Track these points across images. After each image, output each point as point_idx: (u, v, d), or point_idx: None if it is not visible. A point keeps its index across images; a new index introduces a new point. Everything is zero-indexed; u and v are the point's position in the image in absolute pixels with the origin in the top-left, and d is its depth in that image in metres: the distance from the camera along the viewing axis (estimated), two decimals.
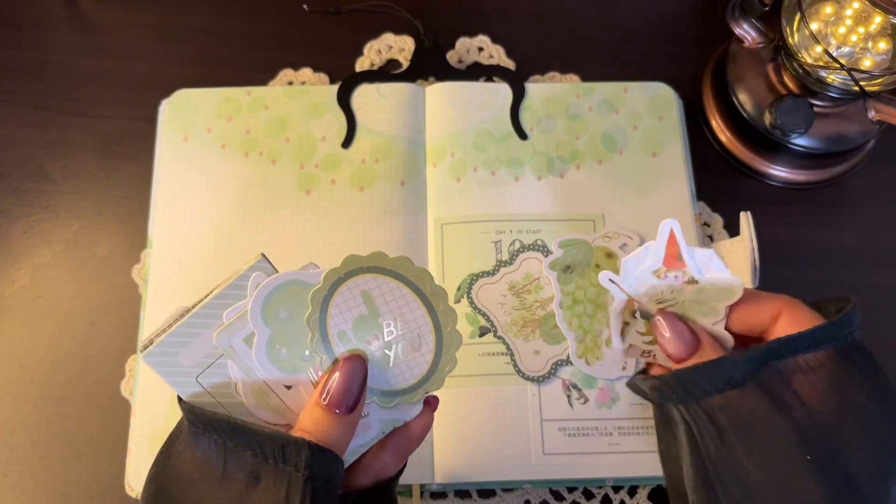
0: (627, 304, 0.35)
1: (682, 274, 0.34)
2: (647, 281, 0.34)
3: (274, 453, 0.29)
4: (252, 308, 0.30)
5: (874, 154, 0.58)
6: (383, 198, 0.54)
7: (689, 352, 0.33)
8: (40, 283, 0.54)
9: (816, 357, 0.30)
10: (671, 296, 0.34)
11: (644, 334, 0.35)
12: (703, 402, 0.30)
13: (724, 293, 0.33)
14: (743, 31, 0.55)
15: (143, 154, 0.56)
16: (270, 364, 0.31)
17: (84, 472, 0.49)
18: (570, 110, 0.57)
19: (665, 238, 0.33)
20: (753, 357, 0.30)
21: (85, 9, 0.62)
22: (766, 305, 0.33)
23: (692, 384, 0.31)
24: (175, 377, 0.31)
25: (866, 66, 0.50)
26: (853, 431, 0.29)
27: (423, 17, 0.59)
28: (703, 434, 0.30)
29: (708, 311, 0.34)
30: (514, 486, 0.49)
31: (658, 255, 0.33)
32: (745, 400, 0.30)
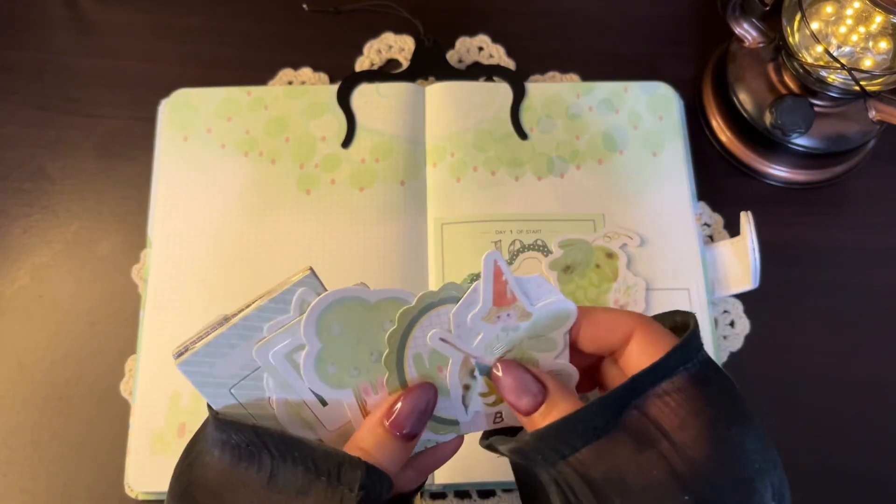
0: (463, 364, 0.31)
1: (514, 310, 0.30)
2: (479, 330, 0.30)
3: (329, 471, 0.28)
4: (307, 320, 0.29)
5: (874, 154, 0.58)
6: (383, 198, 0.54)
7: (538, 402, 0.30)
8: (40, 283, 0.54)
9: (673, 384, 0.28)
10: (507, 339, 0.31)
11: (487, 395, 0.32)
12: (572, 459, 0.28)
13: (559, 320, 0.30)
14: (743, 30, 0.55)
15: (142, 154, 0.56)
16: (317, 378, 0.30)
17: (83, 473, 0.49)
18: (571, 110, 0.57)
19: (490, 274, 0.29)
20: (614, 399, 0.28)
21: (84, 9, 0.62)
22: (618, 324, 0.30)
23: (557, 441, 0.28)
24: (209, 388, 0.30)
25: (867, 66, 0.50)
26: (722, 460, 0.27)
27: (423, 17, 0.59)
28: (578, 495, 0.28)
29: (546, 344, 0.31)
30: (514, 487, 0.49)
31: (487, 295, 0.30)
32: (614, 448, 0.27)
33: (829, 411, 0.52)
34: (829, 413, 0.52)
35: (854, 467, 0.51)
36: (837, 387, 0.52)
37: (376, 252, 0.52)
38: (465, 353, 0.31)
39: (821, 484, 0.50)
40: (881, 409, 0.52)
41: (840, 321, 0.54)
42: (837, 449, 0.51)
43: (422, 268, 0.52)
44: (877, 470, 0.51)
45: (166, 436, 0.48)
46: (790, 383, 0.52)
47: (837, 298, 0.54)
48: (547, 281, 0.31)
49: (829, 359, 0.53)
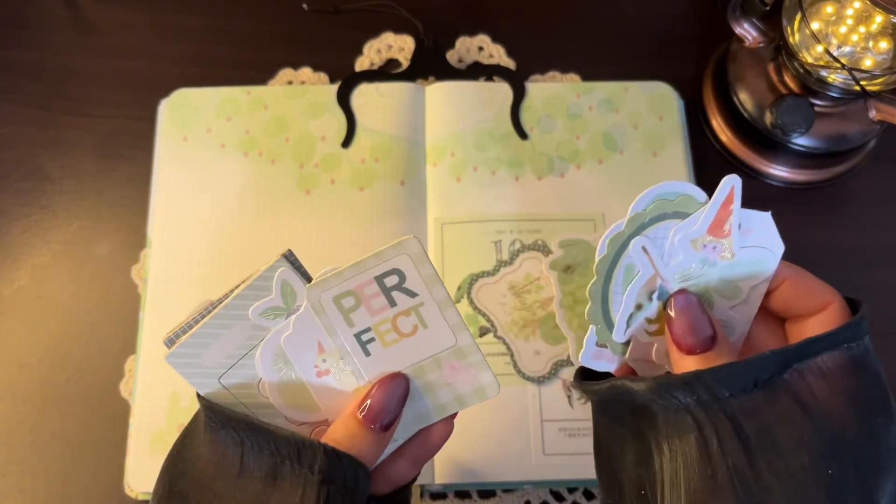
0: (648, 282, 0.30)
1: (721, 245, 0.29)
2: (680, 253, 0.29)
3: (290, 454, 0.29)
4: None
5: (875, 154, 0.58)
6: (383, 198, 0.54)
7: (704, 347, 0.29)
8: (39, 283, 0.54)
9: (834, 358, 0.28)
10: (700, 272, 0.29)
11: (651, 322, 0.30)
12: (727, 404, 0.27)
13: (755, 273, 0.30)
14: (744, 30, 0.55)
15: (142, 154, 0.56)
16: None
17: (83, 473, 0.49)
18: (571, 110, 0.57)
19: (722, 199, 0.28)
20: (783, 357, 0.28)
21: (84, 8, 0.62)
22: (817, 295, 0.30)
23: (717, 383, 0.27)
24: (197, 378, 0.31)
25: (867, 66, 0.50)
26: (862, 445, 0.27)
27: (422, 17, 0.59)
28: (723, 440, 0.27)
29: (731, 290, 0.30)
30: (515, 487, 0.49)
31: (708, 219, 0.28)
32: (772, 405, 0.27)
33: None
34: None
35: None
36: None
37: None
38: (657, 271, 0.29)
39: None
40: None
41: None
42: None
43: None
44: None
45: (166, 436, 0.48)
46: None
47: None
48: (773, 224, 0.30)
49: None
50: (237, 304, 0.30)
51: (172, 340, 0.30)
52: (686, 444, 0.28)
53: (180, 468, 0.31)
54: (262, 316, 0.30)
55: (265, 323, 0.30)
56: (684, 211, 0.29)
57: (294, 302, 0.30)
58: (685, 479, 0.28)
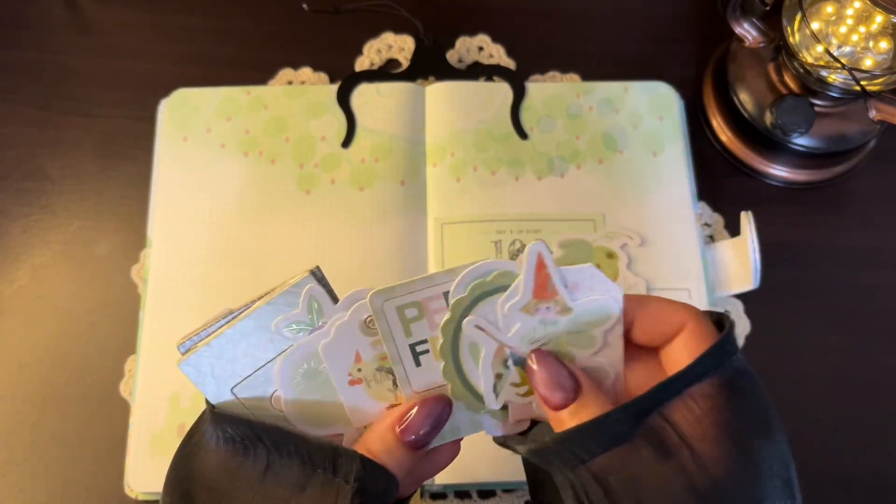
0: (497, 353, 0.30)
1: (555, 304, 0.29)
2: (516, 321, 0.30)
3: (324, 463, 0.29)
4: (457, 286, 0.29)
5: (875, 154, 0.58)
6: (383, 198, 0.54)
7: (569, 399, 0.29)
8: (39, 283, 0.54)
9: (700, 389, 0.27)
10: (544, 332, 0.30)
11: (519, 385, 0.31)
12: (591, 465, 0.27)
13: (601, 319, 0.30)
14: (744, 30, 0.55)
15: (142, 154, 0.56)
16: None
17: (83, 473, 0.49)
18: (571, 110, 0.57)
19: (533, 266, 0.29)
20: (637, 408, 0.27)
21: (84, 8, 0.62)
22: (671, 317, 0.29)
23: (576, 446, 0.28)
24: (210, 387, 0.30)
25: (867, 66, 0.50)
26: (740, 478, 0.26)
27: (422, 17, 0.59)
28: (593, 501, 0.27)
29: (585, 340, 0.30)
30: (515, 487, 0.49)
31: (528, 287, 0.29)
32: (634, 456, 0.27)
33: (829, 411, 0.52)
34: (830, 413, 0.52)
35: (855, 468, 0.50)
36: (837, 387, 0.52)
37: (376, 252, 0.52)
38: (500, 342, 0.30)
39: (821, 484, 0.50)
40: (882, 410, 0.52)
41: (840, 321, 0.54)
42: (838, 449, 0.51)
43: (422, 268, 0.52)
44: (878, 470, 0.51)
45: (166, 436, 0.48)
46: (790, 383, 0.52)
47: (838, 298, 0.54)
48: (599, 273, 0.29)
49: (830, 359, 0.53)
50: (258, 316, 0.30)
51: (187, 346, 0.30)
52: (569, 500, 0.28)
53: (191, 479, 0.30)
54: (286, 329, 0.30)
55: (286, 336, 0.30)
56: (504, 284, 0.29)
57: (320, 318, 0.30)
58: None
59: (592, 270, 0.29)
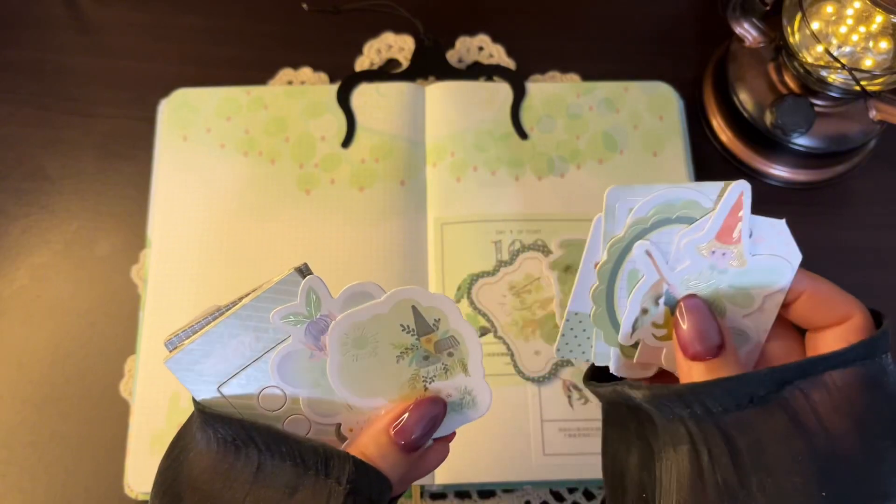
0: (654, 286, 0.29)
1: (731, 252, 0.28)
2: (686, 258, 0.28)
3: (316, 465, 0.28)
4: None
5: (875, 154, 0.58)
6: (383, 198, 0.54)
7: (711, 353, 0.28)
8: (39, 283, 0.53)
9: (843, 376, 0.27)
10: (709, 279, 0.29)
11: (659, 327, 0.30)
12: (721, 419, 0.27)
13: (769, 282, 0.28)
14: (744, 30, 0.55)
15: (141, 154, 0.56)
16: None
17: (83, 473, 0.49)
18: (571, 110, 0.57)
19: (730, 205, 0.27)
20: (784, 374, 0.27)
21: (84, 8, 0.62)
22: (838, 307, 0.29)
23: (710, 398, 0.27)
24: (196, 384, 0.30)
25: (867, 66, 0.50)
26: (864, 470, 0.26)
27: (422, 17, 0.59)
28: (714, 456, 0.26)
29: (743, 298, 0.29)
30: (515, 487, 0.49)
31: (715, 225, 0.28)
32: (767, 422, 0.26)
33: None
34: None
35: None
36: None
37: (376, 252, 0.52)
38: (662, 276, 0.29)
39: None
40: None
41: None
42: None
43: (422, 268, 0.52)
44: None
45: (166, 436, 0.48)
46: None
47: None
48: (787, 232, 0.28)
49: None
50: (245, 314, 0.30)
51: (174, 343, 0.30)
52: (680, 454, 0.28)
53: (180, 481, 0.30)
54: (282, 321, 0.30)
55: (281, 329, 0.30)
56: (689, 216, 0.28)
57: (318, 310, 0.30)
58: (676, 490, 0.27)
59: (782, 227, 0.28)
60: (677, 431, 0.28)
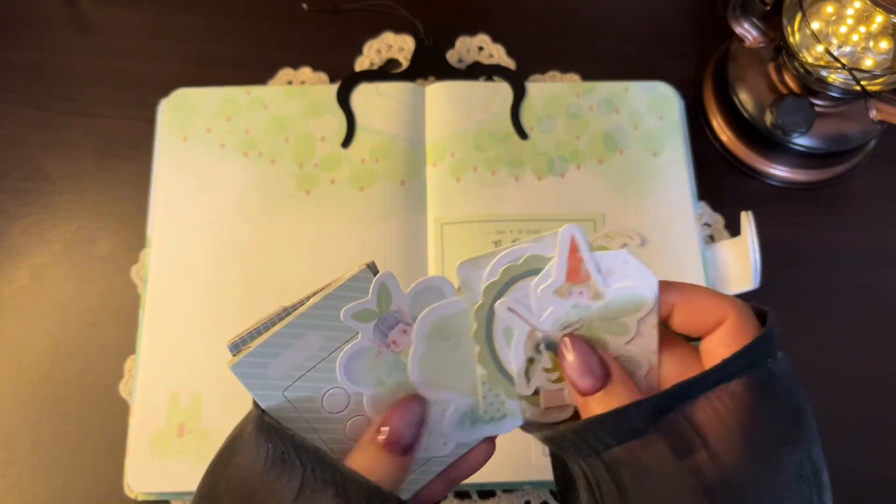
0: (529, 336, 0.30)
1: (587, 289, 0.29)
2: (549, 304, 0.29)
3: (359, 501, 0.28)
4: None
5: (875, 154, 0.58)
6: (383, 198, 0.54)
7: (598, 385, 0.29)
8: (39, 283, 0.53)
9: (728, 389, 0.26)
10: (577, 317, 0.30)
11: (550, 371, 0.31)
12: (604, 456, 0.27)
13: (634, 307, 0.29)
14: (744, 30, 0.55)
15: (141, 154, 0.56)
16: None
17: (83, 473, 0.49)
18: (571, 110, 0.57)
19: (566, 251, 0.29)
20: (658, 402, 0.27)
21: (84, 8, 0.62)
22: (712, 309, 0.29)
23: (591, 437, 0.27)
24: (262, 389, 0.29)
25: (868, 66, 0.50)
26: (759, 485, 0.25)
27: (422, 17, 0.59)
28: (604, 493, 0.27)
29: (618, 328, 0.30)
30: (515, 487, 0.49)
31: (560, 270, 0.29)
32: (648, 451, 0.26)
33: (830, 411, 0.51)
34: (831, 413, 0.51)
35: (857, 468, 0.50)
36: (839, 387, 0.52)
37: (376, 252, 0.52)
38: (532, 325, 0.30)
39: None
40: (883, 410, 0.52)
41: (841, 321, 0.54)
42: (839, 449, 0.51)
43: (422, 268, 0.52)
44: (880, 471, 0.51)
45: (166, 436, 0.48)
46: None
47: (838, 298, 0.54)
48: (634, 259, 0.29)
49: (831, 359, 0.53)
50: (314, 313, 0.29)
51: (238, 346, 0.29)
52: (581, 491, 0.28)
53: (226, 485, 0.29)
54: (353, 318, 0.29)
55: (352, 326, 0.29)
56: (536, 268, 0.29)
57: (389, 305, 0.29)
58: None
59: (627, 256, 0.29)
60: (577, 470, 0.29)
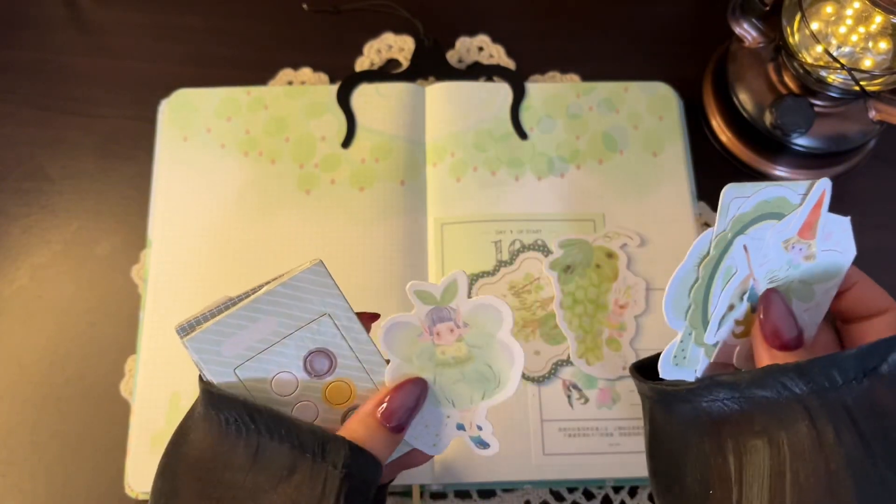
0: (744, 281, 0.29)
1: (808, 247, 0.29)
2: (772, 254, 0.29)
3: (313, 448, 0.29)
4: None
5: (875, 154, 0.58)
6: (383, 198, 0.54)
7: (793, 345, 0.29)
8: (39, 283, 0.54)
9: None
10: (786, 273, 0.30)
11: (739, 323, 0.30)
12: (840, 394, 0.26)
13: (829, 274, 0.30)
14: (743, 30, 0.55)
15: (142, 154, 0.56)
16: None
17: (83, 473, 0.49)
18: (571, 110, 0.57)
19: (814, 201, 0.28)
20: (885, 346, 0.27)
21: (84, 8, 0.62)
22: (879, 298, 0.31)
23: (833, 369, 0.26)
24: (214, 365, 0.31)
25: (867, 66, 0.50)
26: None
27: (422, 17, 0.59)
28: (841, 433, 0.26)
29: (806, 293, 0.30)
30: (515, 487, 0.49)
31: (799, 221, 0.29)
32: (886, 394, 0.26)
33: None
34: None
35: None
36: None
37: (376, 252, 0.52)
38: (751, 271, 0.30)
39: None
40: None
41: None
42: None
43: (422, 268, 0.52)
44: None
45: (166, 436, 0.48)
46: None
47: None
48: (850, 229, 0.30)
49: None
50: (269, 300, 0.31)
51: (186, 329, 0.31)
52: (794, 434, 0.26)
53: (182, 463, 0.31)
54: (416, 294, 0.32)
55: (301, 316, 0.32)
56: (780, 212, 0.29)
57: (450, 301, 0.32)
58: (791, 471, 0.26)
59: (847, 224, 0.30)
60: (789, 411, 0.27)
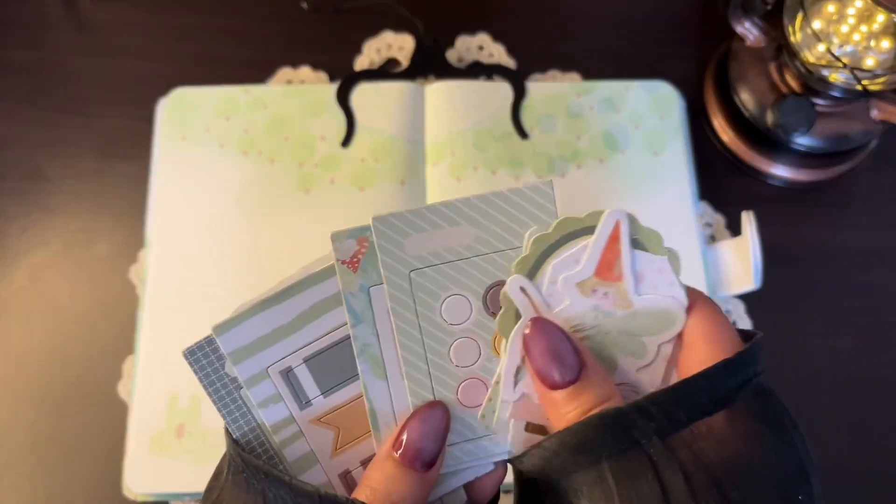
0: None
1: (614, 292, 0.24)
2: (566, 298, 0.24)
3: None
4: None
5: (877, 153, 0.57)
6: (383, 197, 0.54)
7: (569, 379, 0.24)
8: (38, 283, 0.53)
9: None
10: (594, 323, 0.24)
11: None
12: (687, 433, 0.23)
13: (661, 325, 0.24)
14: (745, 29, 0.54)
15: (140, 153, 0.56)
16: None
17: (81, 474, 0.49)
18: (571, 109, 0.57)
19: (605, 235, 0.24)
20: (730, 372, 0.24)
21: (82, 7, 0.61)
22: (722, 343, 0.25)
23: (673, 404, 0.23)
24: (392, 259, 0.26)
25: (869, 65, 0.50)
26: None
27: (422, 16, 0.59)
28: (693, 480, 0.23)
29: (636, 348, 0.25)
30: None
31: (593, 258, 0.24)
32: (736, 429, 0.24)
33: (831, 412, 0.52)
34: (832, 414, 0.52)
35: (857, 468, 0.50)
36: (839, 387, 0.52)
37: None
38: (540, 313, 0.24)
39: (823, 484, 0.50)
40: (883, 410, 0.52)
41: (842, 321, 0.54)
42: (840, 449, 0.51)
43: None
44: (880, 471, 0.50)
45: (165, 437, 0.48)
46: (792, 384, 0.52)
47: (840, 298, 0.54)
48: (669, 269, 0.24)
49: (832, 359, 0.53)
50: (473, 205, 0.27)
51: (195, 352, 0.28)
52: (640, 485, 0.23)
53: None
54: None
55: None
56: (593, 225, 0.24)
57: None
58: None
59: (663, 264, 0.24)
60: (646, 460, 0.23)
